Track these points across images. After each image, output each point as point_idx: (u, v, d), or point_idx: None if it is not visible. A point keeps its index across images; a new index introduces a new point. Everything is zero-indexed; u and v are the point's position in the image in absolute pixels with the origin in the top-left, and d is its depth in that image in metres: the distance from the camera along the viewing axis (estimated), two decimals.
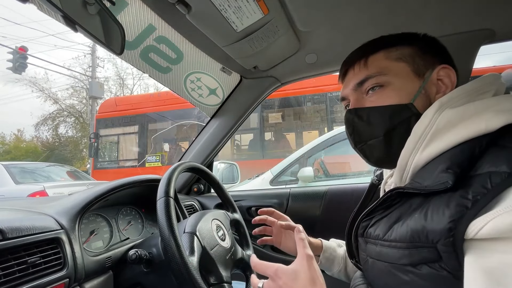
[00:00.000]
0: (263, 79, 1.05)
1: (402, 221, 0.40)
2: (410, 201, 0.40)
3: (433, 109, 0.41)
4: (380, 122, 0.46)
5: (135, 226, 0.82)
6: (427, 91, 0.46)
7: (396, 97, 0.46)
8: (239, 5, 0.64)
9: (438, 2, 0.69)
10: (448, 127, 0.39)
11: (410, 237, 0.37)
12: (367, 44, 0.51)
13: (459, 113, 0.39)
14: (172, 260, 0.52)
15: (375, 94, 0.47)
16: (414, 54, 0.47)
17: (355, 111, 0.49)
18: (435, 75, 0.46)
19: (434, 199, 0.36)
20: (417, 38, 0.49)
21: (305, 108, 5.39)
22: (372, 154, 0.49)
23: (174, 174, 0.65)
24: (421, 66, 0.46)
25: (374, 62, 0.48)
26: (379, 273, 0.44)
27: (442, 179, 0.35)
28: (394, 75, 0.46)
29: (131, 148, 6.21)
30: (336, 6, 0.70)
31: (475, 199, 0.32)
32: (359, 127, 0.49)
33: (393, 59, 0.47)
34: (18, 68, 8.09)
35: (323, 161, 2.46)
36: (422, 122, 0.41)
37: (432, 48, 0.49)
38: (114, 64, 16.10)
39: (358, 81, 0.49)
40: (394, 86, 0.46)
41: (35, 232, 0.51)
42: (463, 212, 0.32)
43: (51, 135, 15.30)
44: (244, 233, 0.84)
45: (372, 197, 0.61)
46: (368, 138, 0.48)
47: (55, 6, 0.46)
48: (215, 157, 1.24)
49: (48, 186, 3.50)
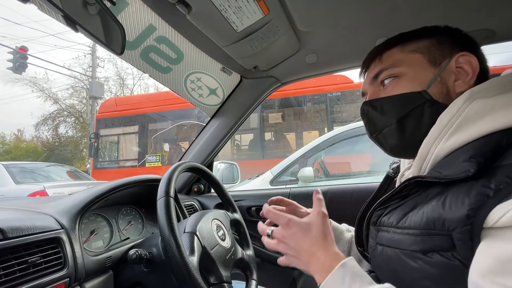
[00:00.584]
0: (263, 79, 1.05)
1: (418, 208, 0.39)
2: (427, 191, 0.40)
3: (463, 98, 0.40)
4: (392, 111, 0.47)
5: (135, 226, 0.82)
6: (443, 78, 0.45)
7: (409, 86, 0.46)
8: (239, 5, 0.64)
9: (439, 2, 0.69)
10: (476, 117, 0.38)
11: (424, 224, 0.36)
12: (384, 43, 0.52)
13: (489, 104, 0.38)
14: (172, 260, 0.52)
15: (389, 85, 0.48)
16: (430, 45, 0.47)
17: (369, 102, 0.50)
18: (453, 63, 0.45)
19: (454, 188, 0.35)
20: (436, 31, 0.49)
21: (305, 108, 5.39)
22: (387, 143, 0.50)
23: (174, 174, 0.65)
24: (437, 55, 0.46)
25: (389, 56, 0.49)
26: (387, 260, 0.43)
27: (464, 168, 0.34)
28: (407, 66, 0.47)
29: (131, 148, 6.21)
30: (337, 6, 0.70)
31: (497, 188, 0.31)
32: (373, 117, 0.50)
33: (408, 51, 0.48)
34: (18, 68, 8.10)
35: (323, 161, 2.46)
36: (450, 111, 0.40)
37: (452, 37, 0.48)
38: (114, 64, 16.14)
39: (373, 74, 0.50)
40: (408, 76, 0.46)
41: (35, 232, 0.51)
42: (484, 200, 0.31)
43: (51, 135, 15.32)
44: (244, 233, 0.84)
45: (386, 189, 0.60)
46: (382, 127, 0.49)
47: (55, 6, 0.46)
48: (215, 157, 1.24)
49: (48, 186, 3.49)
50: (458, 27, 0.76)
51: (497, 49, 13.04)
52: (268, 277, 1.14)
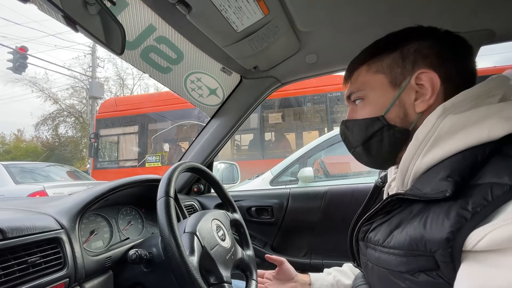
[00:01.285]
0: (263, 79, 1.05)
1: (402, 227, 0.40)
2: (410, 207, 0.40)
3: (435, 114, 0.40)
4: (358, 133, 0.50)
5: (135, 226, 0.82)
6: (402, 101, 0.46)
7: (370, 111, 0.48)
8: (240, 5, 0.64)
9: (439, 2, 0.69)
10: (450, 133, 0.38)
11: (408, 245, 0.37)
12: (357, 57, 0.53)
13: (462, 120, 0.38)
14: (172, 260, 0.52)
15: (358, 106, 0.51)
16: (392, 63, 0.46)
17: (345, 122, 0.54)
18: (413, 82, 0.45)
19: (434, 207, 0.36)
20: (401, 41, 0.47)
21: (305, 108, 5.39)
22: (361, 159, 0.53)
23: (174, 174, 0.65)
24: (398, 75, 0.46)
25: (357, 77, 0.51)
26: (378, 278, 0.44)
27: (442, 187, 0.35)
28: (370, 89, 0.49)
29: (131, 148, 6.21)
30: (337, 7, 0.70)
31: (475, 211, 0.31)
32: (347, 136, 0.54)
33: (373, 72, 0.49)
34: (18, 68, 8.09)
35: (323, 161, 2.46)
36: (425, 127, 0.40)
37: (417, 48, 0.45)
38: (114, 64, 16.15)
39: (346, 95, 0.54)
40: (370, 100, 0.49)
41: (35, 232, 0.51)
42: (462, 223, 0.32)
43: (51, 135, 15.31)
44: (244, 233, 0.83)
45: (375, 199, 0.62)
46: (354, 146, 0.52)
47: (55, 6, 0.46)
48: (215, 157, 1.24)
49: (48, 186, 3.49)
50: (458, 27, 0.77)
51: (497, 49, 13.06)
52: None
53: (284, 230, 1.16)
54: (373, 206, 0.49)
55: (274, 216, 1.16)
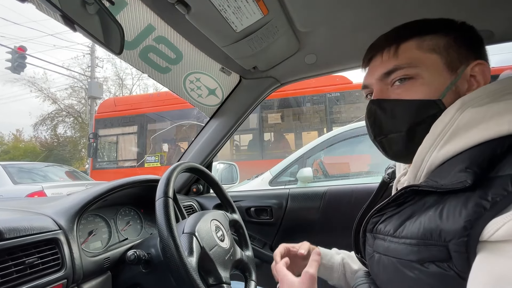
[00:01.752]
0: (262, 80, 1.05)
1: (415, 218, 0.39)
2: (424, 199, 0.40)
3: (454, 107, 0.39)
4: (404, 117, 0.44)
5: (133, 227, 0.81)
6: (458, 87, 0.43)
7: (424, 92, 0.43)
8: (239, 5, 0.64)
9: (437, 3, 0.70)
10: (468, 126, 0.37)
11: (422, 234, 0.36)
12: (399, 29, 0.48)
13: (481, 113, 0.37)
14: (171, 261, 0.52)
15: (402, 86, 0.45)
16: (448, 46, 0.44)
17: (379, 102, 0.47)
18: (468, 71, 0.43)
19: (451, 198, 0.35)
20: (454, 26, 0.46)
21: (305, 109, 5.40)
22: (391, 148, 0.47)
23: (173, 174, 0.65)
24: (454, 59, 0.44)
25: (406, 51, 0.45)
26: (384, 269, 0.43)
27: (461, 178, 0.34)
28: (425, 68, 0.43)
29: (130, 148, 6.20)
30: (336, 7, 0.70)
31: (494, 201, 0.31)
32: (381, 119, 0.47)
33: (426, 49, 0.44)
34: (17, 68, 8.06)
35: (322, 161, 2.46)
36: (442, 120, 0.40)
37: (468, 40, 0.45)
38: (113, 64, 16.11)
39: (386, 70, 0.46)
40: (424, 80, 0.43)
41: (33, 233, 0.51)
42: (481, 213, 0.31)
43: (49, 135, 15.28)
44: (243, 233, 0.83)
45: (382, 195, 0.60)
46: (389, 132, 0.46)
47: (54, 5, 0.46)
48: (214, 157, 1.24)
49: (47, 186, 3.48)
50: None
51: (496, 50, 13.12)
52: (267, 277, 1.13)
53: (283, 231, 1.16)
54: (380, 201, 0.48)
55: (273, 216, 1.15)
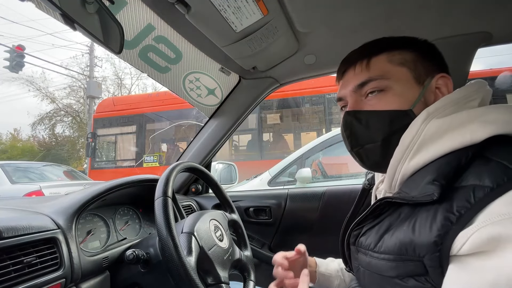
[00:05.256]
0: (262, 80, 1.05)
1: (392, 231, 0.40)
2: (399, 210, 0.41)
3: (420, 118, 0.41)
4: (379, 127, 0.45)
5: (132, 226, 0.81)
6: (426, 98, 0.46)
7: (396, 103, 0.45)
8: (239, 5, 0.64)
9: (436, 5, 0.70)
10: (434, 137, 0.39)
11: (398, 249, 0.37)
12: (369, 44, 0.50)
13: (445, 124, 0.39)
14: (170, 260, 0.52)
15: (375, 98, 0.46)
16: (416, 60, 0.46)
17: (354, 113, 0.48)
18: (434, 83, 0.46)
19: (422, 210, 0.37)
20: (418, 43, 0.49)
21: (303, 109, 5.40)
22: (368, 158, 0.48)
23: (172, 174, 0.65)
24: (422, 73, 0.46)
25: (377, 64, 0.47)
26: (370, 283, 0.45)
27: (428, 190, 0.36)
28: (395, 80, 0.45)
29: (128, 148, 6.18)
30: (335, 8, 0.71)
31: (459, 214, 0.32)
32: (357, 130, 0.48)
33: (396, 63, 0.46)
34: (15, 66, 8.03)
35: (321, 162, 2.46)
36: (410, 132, 0.41)
37: (431, 55, 0.48)
38: (112, 64, 16.09)
39: (359, 82, 0.47)
40: (395, 92, 0.45)
41: (31, 232, 0.51)
42: (448, 227, 0.32)
43: (47, 135, 15.20)
44: (242, 233, 0.83)
45: (364, 202, 0.61)
46: (365, 142, 0.47)
47: (53, 4, 0.46)
48: (213, 157, 1.24)
49: (45, 186, 3.47)
50: (455, 29, 0.77)
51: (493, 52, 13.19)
52: (266, 278, 1.13)
53: (282, 231, 1.16)
54: (362, 209, 0.49)
55: (272, 216, 1.16)
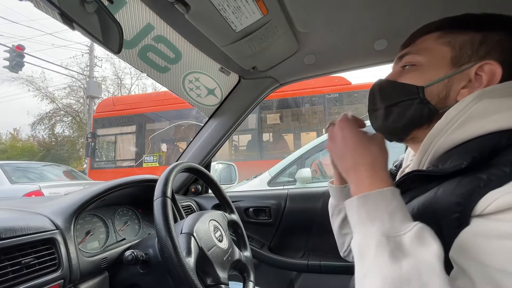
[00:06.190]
0: (261, 80, 1.05)
1: (414, 200, 0.40)
2: (427, 186, 0.40)
3: (473, 96, 0.40)
4: (387, 96, 0.48)
5: (131, 227, 0.81)
6: (451, 82, 0.43)
7: (414, 78, 0.45)
8: (238, 5, 0.64)
9: (438, 3, 0.70)
10: (481, 116, 0.38)
11: (415, 213, 0.37)
12: (431, 23, 0.49)
13: (496, 104, 0.38)
14: (169, 261, 0.52)
15: (405, 71, 0.48)
16: (468, 42, 0.43)
17: (380, 81, 0.51)
18: (473, 69, 0.42)
19: (449, 180, 0.36)
20: (490, 26, 0.44)
21: (303, 109, 5.40)
22: (373, 121, 0.52)
23: (172, 174, 0.64)
24: (465, 55, 0.43)
25: (424, 41, 0.47)
26: None
27: (459, 161, 0.35)
28: (428, 58, 0.45)
29: (128, 148, 6.18)
30: (335, 8, 0.70)
31: (489, 179, 0.31)
32: (373, 95, 0.52)
33: (442, 42, 0.45)
34: (15, 66, 8.02)
35: (321, 162, 2.46)
36: (457, 107, 0.40)
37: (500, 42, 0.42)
38: (112, 64, 16.01)
39: (400, 54, 0.50)
40: (421, 68, 0.45)
41: (29, 232, 0.50)
42: (475, 190, 0.31)
43: (47, 135, 15.18)
44: (242, 234, 0.83)
45: None
46: (375, 108, 0.51)
47: (52, 3, 0.45)
48: (213, 157, 1.23)
49: (44, 186, 3.47)
50: None
51: None
52: (266, 278, 1.13)
53: (282, 231, 1.16)
54: None
55: (272, 217, 1.15)
